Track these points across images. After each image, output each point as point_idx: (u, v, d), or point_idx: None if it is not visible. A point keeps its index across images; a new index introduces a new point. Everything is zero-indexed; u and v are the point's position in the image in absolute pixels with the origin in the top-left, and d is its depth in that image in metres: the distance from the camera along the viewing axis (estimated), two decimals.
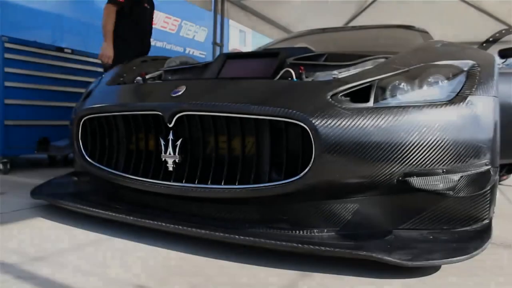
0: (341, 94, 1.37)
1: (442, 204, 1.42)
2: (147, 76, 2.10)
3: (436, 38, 2.42)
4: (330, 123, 1.28)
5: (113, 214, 1.56)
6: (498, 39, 2.62)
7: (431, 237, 1.38)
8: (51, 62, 3.09)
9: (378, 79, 1.41)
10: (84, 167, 1.79)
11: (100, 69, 3.47)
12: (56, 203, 1.76)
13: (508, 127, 2.57)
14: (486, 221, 1.42)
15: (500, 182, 2.95)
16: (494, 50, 2.49)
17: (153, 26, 3.43)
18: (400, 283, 1.18)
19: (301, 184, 1.31)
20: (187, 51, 6.13)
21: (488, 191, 1.42)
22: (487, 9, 5.35)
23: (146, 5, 3.26)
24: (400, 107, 1.35)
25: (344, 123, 1.29)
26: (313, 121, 1.27)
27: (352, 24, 6.08)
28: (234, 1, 5.07)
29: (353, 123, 1.29)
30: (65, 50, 3.14)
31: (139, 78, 1.92)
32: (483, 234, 1.35)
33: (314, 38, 3.31)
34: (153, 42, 3.48)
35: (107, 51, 2.94)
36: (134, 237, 1.52)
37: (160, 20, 5.37)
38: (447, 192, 1.29)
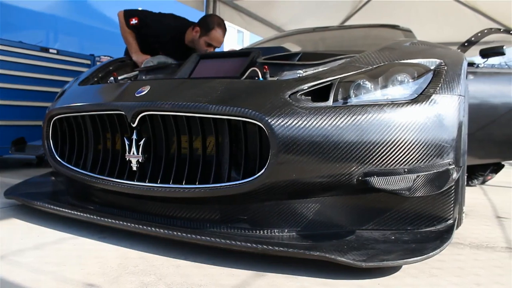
0: (300, 93, 1.36)
1: (405, 204, 1.40)
2: (122, 76, 2.11)
3: (432, 38, 2.39)
4: (286, 122, 1.27)
5: (79, 213, 1.56)
6: (480, 39, 2.59)
7: (393, 237, 1.36)
8: (36, 62, 3.10)
9: (339, 78, 1.40)
10: (54, 167, 1.80)
11: (87, 69, 3.49)
12: (26, 202, 1.77)
13: (491, 127, 2.56)
14: (451, 221, 1.40)
15: (486, 183, 2.92)
16: (476, 50, 2.47)
17: None
18: (354, 284, 1.17)
19: (258, 184, 1.29)
20: None
21: (452, 191, 1.40)
22: (483, 9, 5.31)
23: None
24: (360, 106, 1.34)
25: (301, 122, 1.27)
26: (269, 120, 1.26)
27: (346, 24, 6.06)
28: (226, 1, 5.07)
29: (310, 122, 1.28)
30: (50, 51, 3.15)
31: (111, 78, 1.92)
32: (444, 235, 1.33)
33: (302, 37, 3.30)
34: None
35: (138, 59, 2.45)
36: (98, 237, 1.53)
37: None
38: (403, 192, 1.27)
